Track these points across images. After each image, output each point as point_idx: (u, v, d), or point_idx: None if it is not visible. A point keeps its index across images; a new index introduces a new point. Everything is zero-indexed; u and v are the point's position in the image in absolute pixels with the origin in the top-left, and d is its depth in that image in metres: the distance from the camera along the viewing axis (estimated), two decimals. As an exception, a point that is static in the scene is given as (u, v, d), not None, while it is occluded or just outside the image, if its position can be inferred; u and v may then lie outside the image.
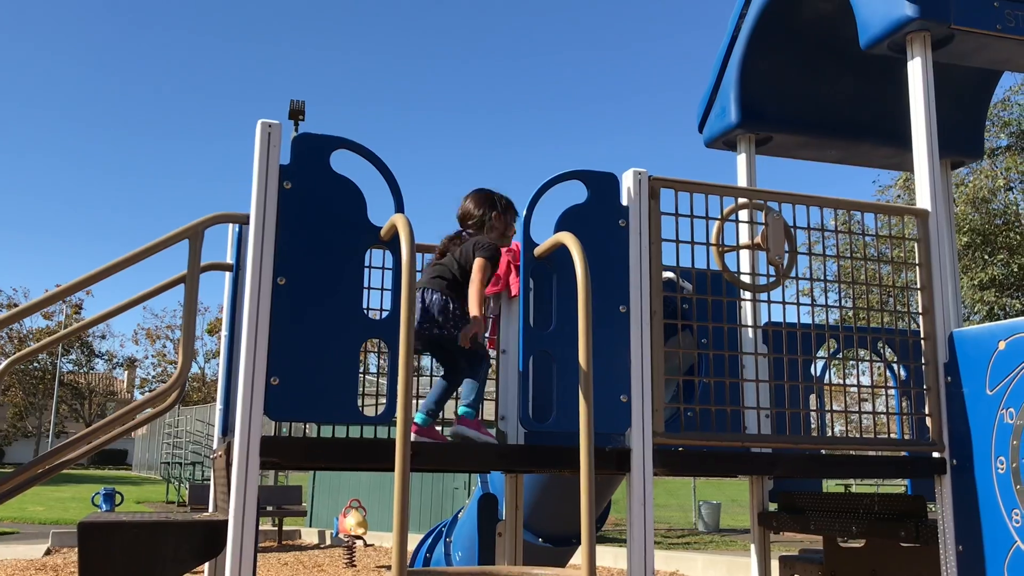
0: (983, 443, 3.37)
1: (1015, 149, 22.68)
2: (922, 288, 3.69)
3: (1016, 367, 3.26)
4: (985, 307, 20.31)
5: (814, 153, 5.32)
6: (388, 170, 3.09)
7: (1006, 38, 3.85)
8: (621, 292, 3.31)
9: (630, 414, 3.21)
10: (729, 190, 3.54)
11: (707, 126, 5.17)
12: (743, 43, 4.90)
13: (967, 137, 5.42)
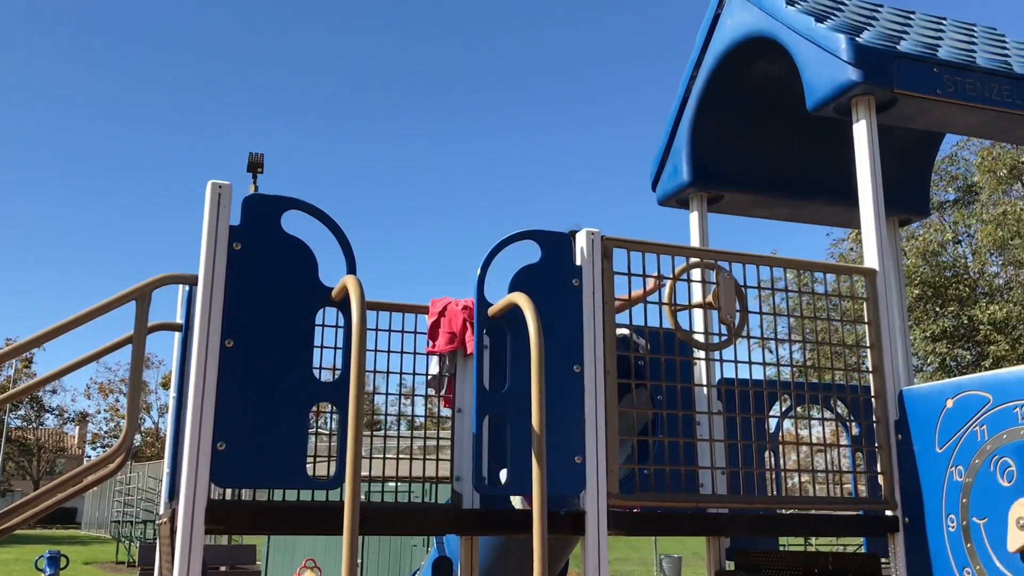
0: (934, 501, 3.40)
1: (962, 203, 23.31)
2: (871, 346, 3.73)
3: (963, 425, 3.30)
4: (937, 358, 20.68)
5: (765, 211, 5.41)
6: (340, 231, 3.08)
7: (946, 102, 3.97)
8: (575, 352, 3.31)
9: (584, 476, 3.19)
10: (680, 250, 3.57)
11: (660, 185, 5.24)
12: (694, 104, 4.99)
13: (913, 195, 5.55)
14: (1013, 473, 3.10)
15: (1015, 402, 3.12)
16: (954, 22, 5.09)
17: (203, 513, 2.73)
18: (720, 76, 4.89)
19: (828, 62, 3.92)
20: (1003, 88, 4.10)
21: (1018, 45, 4.88)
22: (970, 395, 3.30)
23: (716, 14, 4.83)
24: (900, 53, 3.93)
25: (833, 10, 4.48)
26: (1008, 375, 3.21)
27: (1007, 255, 21.49)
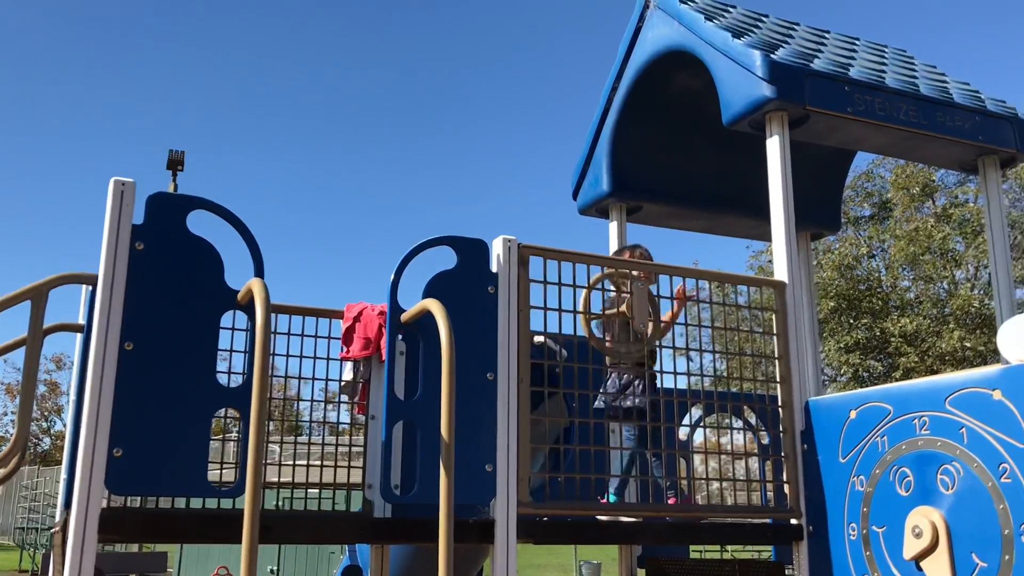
0: (837, 510, 3.47)
1: (877, 219, 24.06)
2: (780, 357, 3.80)
3: (866, 436, 3.38)
4: (851, 369, 21.26)
5: (682, 223, 5.49)
6: (248, 232, 3.00)
7: (856, 120, 4.09)
8: (489, 359, 3.29)
9: (495, 484, 3.17)
10: (596, 259, 3.59)
11: (581, 194, 5.27)
12: (615, 115, 5.04)
13: (826, 211, 5.69)
14: (911, 483, 3.18)
15: (914, 414, 3.21)
16: (866, 43, 5.24)
17: (96, 522, 2.63)
18: (641, 88, 4.95)
19: (744, 78, 3.99)
20: (910, 108, 4.23)
21: (926, 67, 5.05)
22: (872, 407, 3.38)
23: (638, 27, 4.89)
24: (813, 71, 4.02)
25: (751, 27, 4.57)
26: (907, 388, 3.30)
27: (918, 270, 22.23)
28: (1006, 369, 2.93)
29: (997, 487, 2.89)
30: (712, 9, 4.66)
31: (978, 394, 3.00)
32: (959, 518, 3.01)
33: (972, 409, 3.01)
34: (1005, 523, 2.85)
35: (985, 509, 2.92)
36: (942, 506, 3.06)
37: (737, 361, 4.20)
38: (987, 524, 2.90)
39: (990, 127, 4.42)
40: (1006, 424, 2.89)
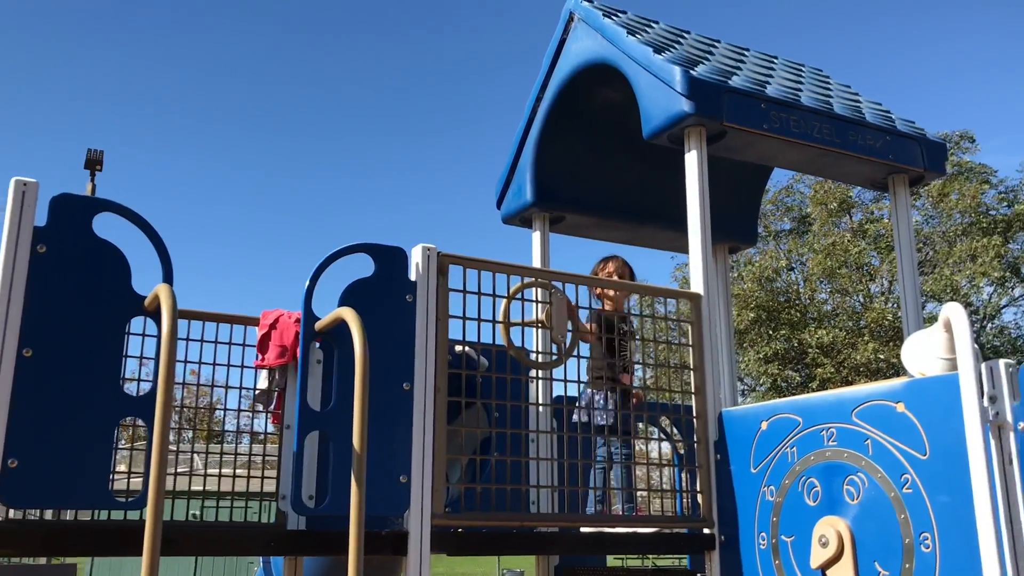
0: (748, 520, 3.53)
1: (797, 233, 24.71)
2: (695, 368, 3.85)
3: (776, 446, 3.45)
4: (769, 379, 21.77)
5: (604, 233, 5.53)
6: (157, 236, 2.92)
7: (771, 137, 4.17)
8: (406, 369, 3.26)
9: (409, 495, 3.14)
10: (516, 269, 3.59)
11: (505, 203, 5.28)
12: (539, 125, 5.06)
13: (743, 224, 5.80)
14: (819, 493, 3.26)
15: (822, 425, 3.28)
16: (785, 61, 5.37)
17: (-13, 536, 2.52)
18: (564, 99, 4.98)
19: (663, 92, 4.05)
20: (824, 127, 4.34)
21: (841, 87, 5.20)
22: (783, 418, 3.45)
23: (562, 39, 4.92)
24: (731, 88, 4.10)
25: (672, 43, 4.64)
26: (816, 400, 3.37)
27: (834, 283, 22.91)
28: (909, 382, 3.02)
29: (899, 497, 2.97)
30: (635, 24, 4.72)
31: (882, 406, 3.08)
32: (863, 528, 3.08)
33: (877, 421, 3.09)
34: (906, 532, 2.93)
35: (888, 519, 3.00)
36: (848, 516, 3.14)
37: (657, 372, 4.25)
38: (889, 533, 2.99)
39: (900, 147, 4.57)
40: (908, 436, 2.98)
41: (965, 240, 21.78)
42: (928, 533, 2.87)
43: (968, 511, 2.70)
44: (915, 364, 3.08)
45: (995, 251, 20.93)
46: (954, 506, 2.80)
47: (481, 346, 3.70)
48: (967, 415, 2.70)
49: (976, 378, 2.71)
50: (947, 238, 22.46)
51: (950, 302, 3.25)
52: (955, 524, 2.79)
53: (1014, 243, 22.38)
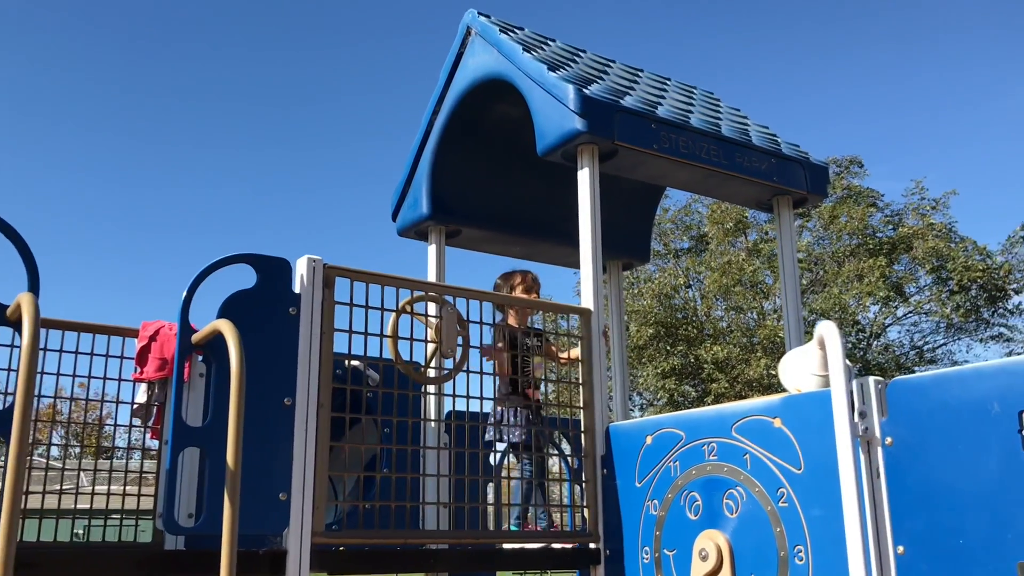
0: (632, 534, 3.56)
1: (695, 251, 25.32)
2: (583, 383, 3.88)
3: (660, 461, 3.49)
4: (667, 394, 22.19)
5: (500, 248, 5.54)
6: (22, 242, 2.77)
7: (661, 157, 4.25)
8: (287, 384, 3.18)
9: (289, 513, 3.05)
10: (405, 282, 3.55)
11: (400, 216, 5.23)
12: (436, 138, 5.04)
13: (636, 242, 5.90)
14: (699, 507, 3.31)
15: (703, 440, 3.34)
16: (677, 83, 5.49)
17: None
18: (461, 113, 4.97)
19: (557, 110, 4.08)
20: (712, 148, 4.45)
21: (730, 110, 5.34)
22: (667, 432, 3.50)
23: (459, 53, 4.92)
24: (622, 107, 4.16)
25: (568, 61, 4.69)
26: (698, 415, 3.43)
27: (730, 300, 23.53)
28: (785, 398, 3.10)
29: (775, 511, 3.04)
30: (531, 41, 4.75)
31: (760, 421, 3.15)
32: (742, 541, 3.15)
33: (755, 436, 3.16)
34: (782, 545, 3.00)
35: (764, 532, 3.07)
36: (727, 529, 3.20)
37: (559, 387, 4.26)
38: (766, 546, 3.05)
39: (784, 169, 4.71)
40: (784, 451, 3.05)
41: (853, 261, 22.69)
42: (802, 546, 2.95)
43: (839, 524, 2.78)
44: (791, 380, 3.17)
45: (880, 271, 21.86)
46: (826, 519, 2.88)
47: (372, 361, 3.65)
48: (838, 430, 2.78)
49: (847, 394, 2.79)
50: (836, 258, 23.36)
51: (834, 320, 3.35)
52: (827, 536, 2.87)
53: (898, 264, 23.43)
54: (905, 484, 2.70)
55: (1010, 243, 22.98)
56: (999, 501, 2.47)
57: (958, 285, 22.41)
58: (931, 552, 2.60)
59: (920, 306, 23.60)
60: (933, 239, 22.40)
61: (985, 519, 2.50)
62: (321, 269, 3.34)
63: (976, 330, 23.67)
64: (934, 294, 23.00)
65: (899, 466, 2.72)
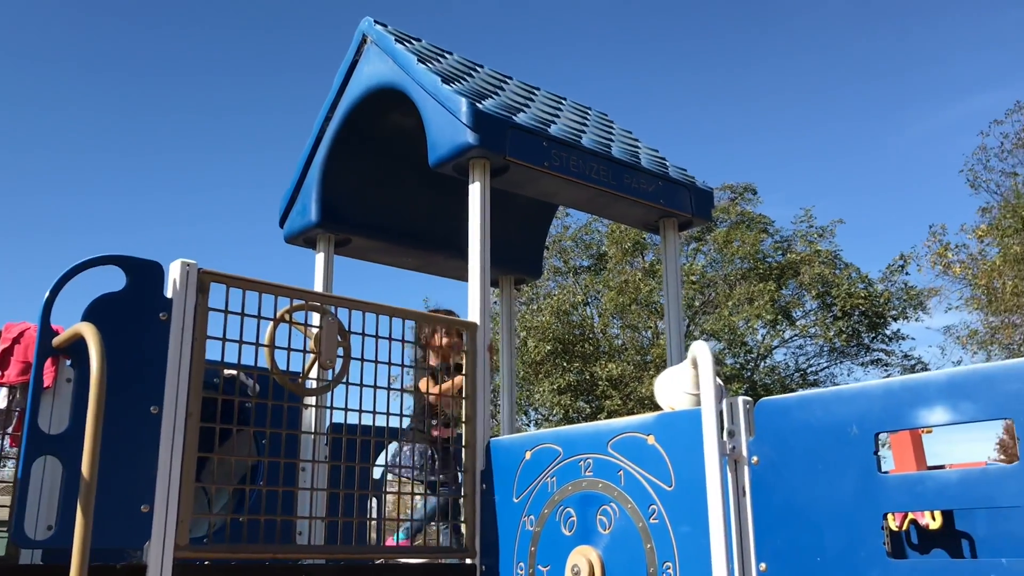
0: (508, 550, 3.56)
1: (594, 269, 25.69)
2: (467, 397, 3.86)
3: (538, 476, 3.50)
4: (562, 410, 22.39)
5: (391, 259, 5.49)
6: None
7: (552, 175, 4.29)
8: (155, 391, 3.06)
9: (151, 526, 2.93)
10: (283, 290, 3.47)
11: (288, 222, 5.13)
12: (327, 145, 4.96)
13: (529, 258, 5.93)
14: (574, 523, 3.33)
15: (580, 456, 3.36)
16: (572, 103, 5.56)
17: None
18: (355, 121, 4.91)
19: (450, 123, 4.07)
20: (601, 168, 4.51)
21: (623, 132, 5.44)
22: (545, 448, 3.51)
23: (354, 60, 4.86)
24: (515, 124, 4.18)
25: (464, 75, 4.69)
26: (576, 431, 3.46)
27: (626, 319, 23.95)
28: (659, 416, 3.16)
29: (646, 527, 3.08)
30: (427, 52, 4.74)
31: (635, 439, 3.19)
32: (613, 557, 3.17)
33: (629, 453, 3.20)
34: (651, 562, 3.04)
35: (635, 548, 3.10)
36: (599, 545, 3.22)
37: (432, 400, 4.23)
38: (636, 563, 3.09)
39: (671, 192, 4.82)
40: (657, 467, 3.10)
41: (744, 284, 23.39)
42: (670, 562, 2.99)
43: (707, 540, 2.83)
44: (665, 398, 3.23)
45: (770, 295, 22.60)
46: (694, 536, 2.93)
47: (248, 370, 3.56)
48: (707, 448, 2.84)
49: (716, 414, 2.86)
50: (728, 281, 24.05)
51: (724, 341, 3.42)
52: (694, 553, 2.92)
53: (786, 289, 24.26)
54: (769, 502, 2.77)
55: (890, 271, 24.10)
56: (854, 519, 2.56)
57: (841, 311, 23.35)
58: (791, 569, 2.67)
59: (805, 330, 24.49)
60: (819, 266, 23.30)
61: (841, 537, 2.58)
62: (195, 273, 3.23)
63: (857, 354, 24.69)
64: (819, 319, 23.90)
65: (764, 484, 2.79)
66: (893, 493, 2.51)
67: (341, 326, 3.61)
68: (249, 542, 3.34)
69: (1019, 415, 2.29)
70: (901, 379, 2.61)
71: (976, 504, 2.50)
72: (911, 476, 2.57)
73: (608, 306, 23.64)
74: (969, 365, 2.53)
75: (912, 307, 23.85)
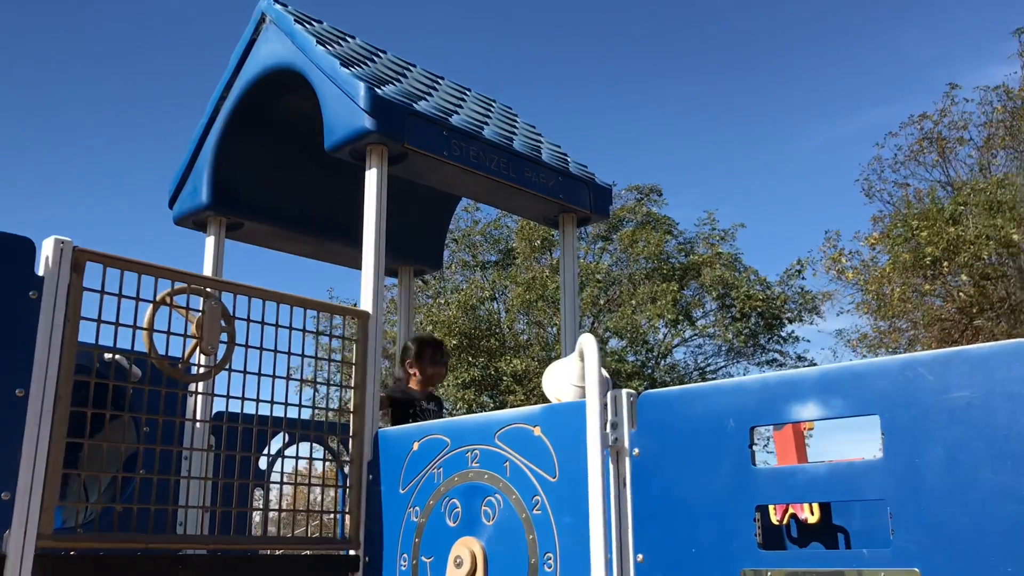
0: (392, 541, 3.52)
1: (502, 265, 25.74)
2: (355, 387, 3.80)
3: (425, 467, 3.47)
4: (466, 404, 22.37)
5: (286, 245, 5.37)
6: None
7: (451, 164, 4.26)
8: (21, 373, 2.91)
9: (12, 514, 2.79)
10: (165, 271, 3.35)
11: (178, 203, 4.96)
12: (221, 125, 4.82)
13: (430, 249, 5.89)
14: (459, 514, 3.31)
15: (467, 447, 3.35)
16: (477, 95, 5.54)
17: None
18: (251, 101, 4.78)
19: (347, 107, 4.00)
20: (502, 161, 4.51)
21: (526, 126, 5.44)
22: (433, 438, 3.48)
23: (252, 38, 4.73)
24: (414, 111, 4.13)
25: (365, 59, 4.61)
26: (465, 422, 3.45)
27: (532, 315, 24.07)
28: (545, 407, 3.17)
29: (529, 518, 3.09)
30: (328, 35, 4.64)
31: (522, 430, 3.20)
32: (496, 548, 3.17)
33: (516, 444, 3.20)
34: (533, 552, 3.05)
35: (518, 539, 3.11)
36: (483, 537, 3.21)
37: (319, 389, 4.15)
38: (518, 554, 3.09)
39: (570, 188, 4.85)
40: (542, 459, 3.11)
41: (647, 284, 23.79)
42: (552, 553, 3.00)
43: (587, 532, 2.85)
44: (552, 390, 3.24)
45: (672, 296, 23.03)
46: (576, 527, 2.95)
47: (126, 354, 3.43)
48: (589, 440, 2.85)
49: (601, 406, 2.88)
50: (633, 280, 24.42)
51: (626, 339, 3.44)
52: (575, 544, 2.93)
53: (688, 289, 24.77)
54: (649, 494, 2.81)
55: (787, 275, 24.84)
56: (728, 512, 2.61)
57: (740, 312, 23.97)
58: (666, 560, 2.71)
59: (705, 330, 25.05)
60: (720, 268, 23.86)
61: (715, 528, 2.63)
62: (70, 251, 3.09)
63: (754, 355, 25.37)
64: (718, 319, 24.48)
65: (644, 476, 2.83)
66: (765, 486, 2.58)
67: (226, 311, 3.51)
68: (124, 531, 3.22)
69: (884, 411, 2.37)
70: (777, 375, 2.68)
71: (844, 497, 2.58)
72: (783, 469, 2.65)
73: (515, 302, 23.70)
74: (842, 363, 2.61)
75: (807, 310, 24.65)
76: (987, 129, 21.99)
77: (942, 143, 22.88)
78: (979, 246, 18.32)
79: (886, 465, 2.36)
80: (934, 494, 2.26)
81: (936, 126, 22.77)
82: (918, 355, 2.37)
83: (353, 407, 3.78)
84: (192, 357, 3.46)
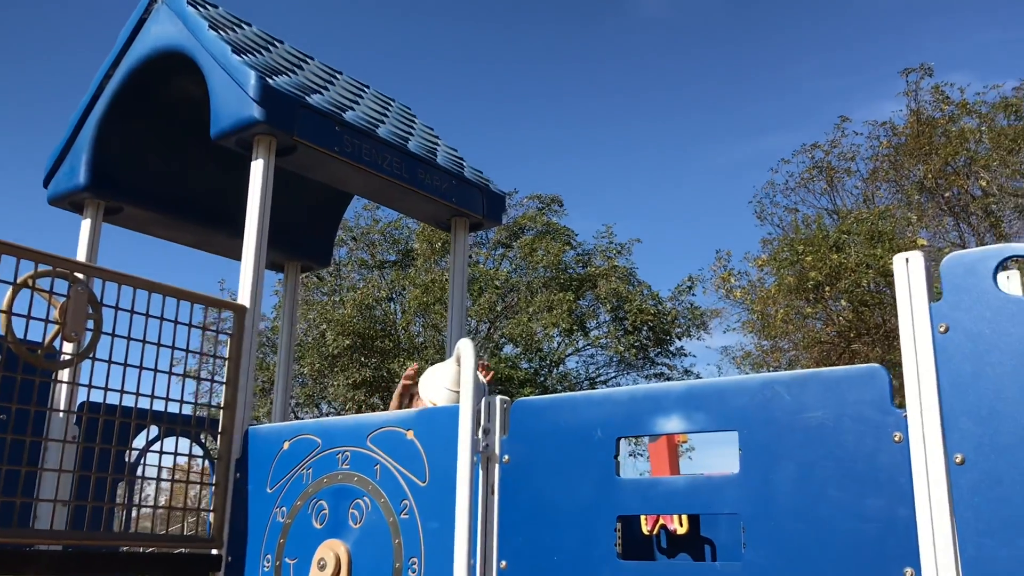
0: (256, 541, 3.44)
1: (401, 265, 25.55)
2: (227, 382, 3.70)
3: (294, 467, 3.40)
4: (355, 405, 22.10)
5: (167, 232, 5.20)
6: None
7: (342, 160, 4.20)
8: None
9: None
10: (27, 252, 3.19)
11: (54, 183, 4.74)
12: (104, 104, 4.63)
13: (318, 246, 5.79)
14: (326, 516, 3.26)
15: (339, 448, 3.30)
16: (375, 93, 5.48)
17: None
18: (137, 82, 4.61)
19: (236, 94, 3.90)
20: (395, 160, 4.47)
21: (424, 128, 5.42)
22: (304, 438, 3.42)
23: (142, 17, 4.57)
24: (306, 104, 4.06)
25: (259, 48, 4.51)
26: (338, 422, 3.39)
27: (428, 318, 23.97)
28: (419, 411, 3.15)
29: (397, 523, 3.06)
30: (222, 20, 4.52)
31: (395, 433, 3.17)
32: (362, 552, 3.13)
33: (388, 447, 3.17)
34: (398, 557, 3.02)
35: (384, 543, 3.07)
36: (349, 539, 3.17)
37: (192, 383, 4.02)
38: (383, 558, 3.06)
39: (464, 192, 4.85)
40: (413, 463, 3.09)
41: (545, 292, 24.00)
42: (416, 558, 2.98)
43: (452, 537, 2.84)
44: (428, 393, 3.22)
45: (568, 305, 23.29)
46: (442, 532, 2.94)
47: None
48: (461, 445, 2.84)
49: (474, 411, 2.87)
50: (531, 288, 24.60)
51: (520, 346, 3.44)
52: (441, 549, 2.92)
53: (584, 300, 25.10)
54: (516, 501, 2.82)
55: (678, 291, 25.44)
56: (590, 521, 2.64)
57: (632, 325, 24.41)
58: (528, 567, 2.72)
59: (598, 340, 25.41)
60: (615, 281, 24.27)
61: (578, 537, 2.66)
62: (-78, 226, 2.91)
63: (643, 367, 25.88)
64: (611, 331, 24.87)
65: (513, 483, 2.84)
66: (628, 497, 2.62)
67: (93, 297, 3.36)
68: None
69: (743, 427, 2.44)
70: (645, 387, 2.73)
71: (702, 510, 2.64)
72: (644, 481, 2.69)
73: (412, 304, 23.56)
74: (707, 379, 2.68)
75: (696, 326, 25.31)
76: (873, 162, 23.07)
77: (831, 172, 23.88)
78: (859, 274, 19.15)
79: (742, 480, 2.43)
80: (785, 510, 2.34)
81: (826, 156, 23.77)
82: (777, 375, 2.45)
83: (224, 403, 3.68)
84: (55, 344, 3.31)
